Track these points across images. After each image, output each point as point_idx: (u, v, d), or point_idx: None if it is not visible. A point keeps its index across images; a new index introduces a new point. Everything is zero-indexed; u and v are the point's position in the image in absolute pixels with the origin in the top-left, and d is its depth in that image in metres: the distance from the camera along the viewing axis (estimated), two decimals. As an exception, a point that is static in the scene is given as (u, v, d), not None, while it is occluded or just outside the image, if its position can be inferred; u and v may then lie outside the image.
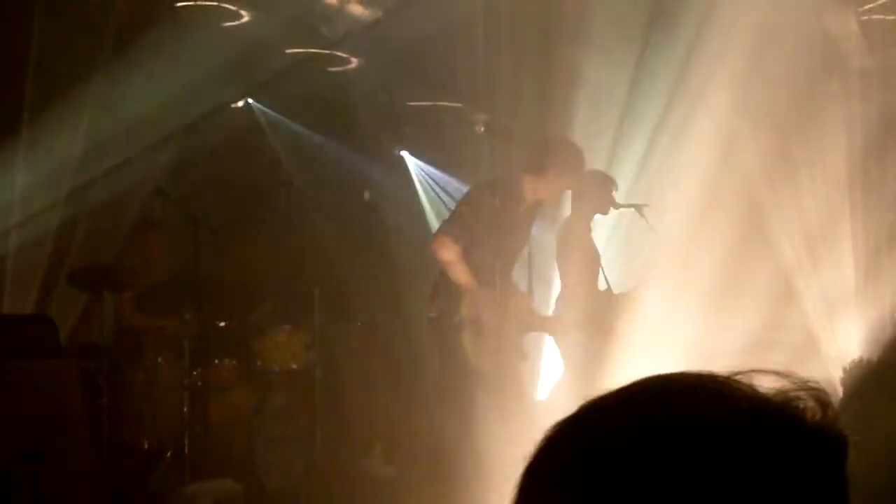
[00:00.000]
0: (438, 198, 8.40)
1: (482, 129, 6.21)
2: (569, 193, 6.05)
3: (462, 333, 5.59)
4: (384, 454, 6.90)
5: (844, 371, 5.04)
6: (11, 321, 5.87)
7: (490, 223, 5.51)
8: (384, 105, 8.14)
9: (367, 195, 8.32)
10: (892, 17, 6.82)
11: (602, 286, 6.13)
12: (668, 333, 5.15)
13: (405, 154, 8.80)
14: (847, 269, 6.23)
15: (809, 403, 0.81)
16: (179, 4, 7.02)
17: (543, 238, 6.26)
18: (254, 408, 6.56)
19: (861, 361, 5.14)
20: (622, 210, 6.24)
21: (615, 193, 6.17)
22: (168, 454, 6.10)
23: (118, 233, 6.91)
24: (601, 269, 6.12)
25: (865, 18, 6.81)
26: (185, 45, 6.94)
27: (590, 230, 6.15)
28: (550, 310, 6.25)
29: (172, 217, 6.63)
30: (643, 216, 6.13)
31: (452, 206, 6.09)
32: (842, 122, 6.42)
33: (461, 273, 5.50)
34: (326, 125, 8.20)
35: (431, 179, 8.61)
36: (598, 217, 6.19)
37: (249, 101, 8.20)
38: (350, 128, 7.96)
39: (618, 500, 0.77)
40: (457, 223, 5.62)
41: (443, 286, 5.65)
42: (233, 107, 8.04)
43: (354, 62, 7.95)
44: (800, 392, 0.81)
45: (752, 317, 5.39)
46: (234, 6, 7.14)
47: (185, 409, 6.15)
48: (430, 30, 6.98)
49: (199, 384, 6.31)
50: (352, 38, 7.60)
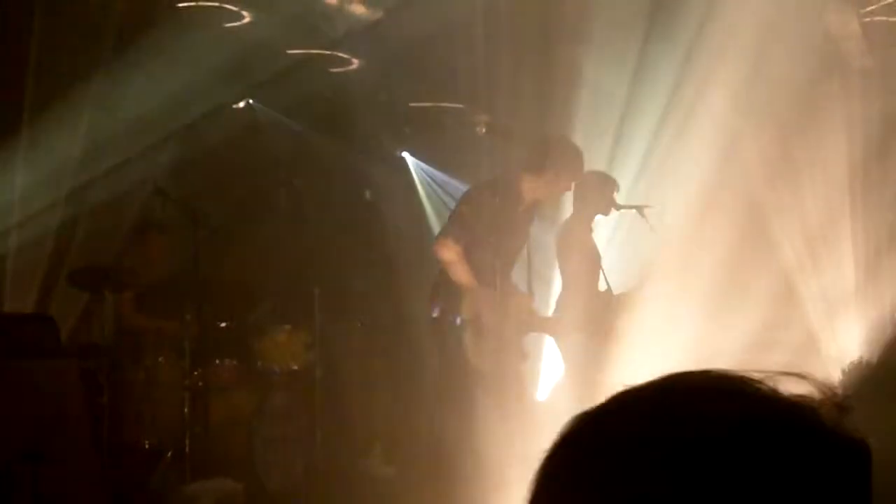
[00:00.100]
0: (439, 198, 8.40)
1: (483, 130, 6.21)
2: (569, 194, 6.04)
3: (462, 334, 5.59)
4: (384, 454, 6.90)
5: (844, 371, 5.04)
6: (12, 320, 5.87)
7: (490, 223, 5.51)
8: (385, 105, 8.14)
9: (368, 195, 8.32)
10: (894, 19, 6.82)
11: (602, 287, 6.13)
12: (669, 334, 5.15)
13: (406, 154, 8.80)
14: (847, 270, 6.23)
15: (831, 409, 0.80)
16: (180, 5, 7.02)
17: (543, 238, 6.25)
18: (254, 408, 6.56)
19: (861, 362, 5.14)
20: (623, 211, 6.23)
21: (616, 194, 6.16)
22: (168, 454, 6.11)
23: (118, 233, 6.91)
24: (601, 270, 6.12)
25: (867, 20, 6.81)
26: (186, 46, 6.94)
27: (590, 231, 6.14)
28: (550, 310, 6.24)
29: (172, 217, 6.63)
30: (644, 217, 6.12)
31: (453, 207, 6.08)
32: (843, 123, 6.42)
33: (462, 273, 5.50)
34: (327, 125, 8.19)
35: (432, 180, 8.61)
36: (599, 217, 6.18)
37: (250, 102, 8.19)
38: (351, 128, 7.96)
39: (636, 497, 0.76)
40: (457, 223, 5.61)
41: (443, 286, 5.64)
42: (233, 107, 8.03)
43: (355, 62, 7.95)
44: (822, 397, 0.81)
45: (753, 317, 5.38)
46: (235, 7, 7.14)
47: (186, 409, 6.16)
48: (431, 30, 6.98)
49: (200, 384, 6.31)
50: (352, 39, 7.59)
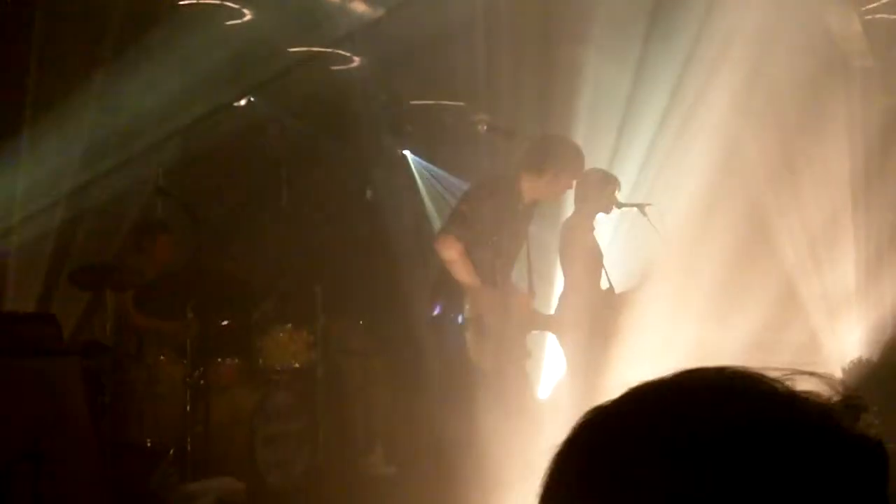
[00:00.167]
0: (441, 197, 8.40)
1: (484, 128, 6.20)
2: (570, 192, 6.04)
3: (464, 332, 5.59)
4: (385, 453, 6.90)
5: (844, 371, 5.03)
6: (14, 319, 5.86)
7: (490, 222, 5.50)
8: (386, 104, 8.14)
9: (370, 194, 8.31)
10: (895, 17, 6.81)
11: (605, 285, 6.12)
12: (670, 333, 5.15)
13: (407, 153, 8.80)
14: (849, 270, 6.22)
15: (848, 410, 0.80)
16: (181, 3, 7.02)
17: (544, 237, 6.25)
18: (255, 406, 6.55)
19: (861, 362, 5.14)
20: (624, 209, 6.23)
21: (617, 192, 6.16)
22: (170, 452, 6.11)
23: (119, 232, 6.91)
24: (604, 269, 6.11)
25: (868, 18, 6.80)
26: (188, 44, 6.93)
27: (592, 229, 6.13)
28: (552, 309, 6.24)
29: (174, 216, 6.64)
30: (645, 215, 6.11)
31: (453, 205, 6.08)
32: (844, 122, 6.42)
33: (464, 272, 5.49)
34: (328, 124, 8.19)
35: (433, 178, 8.60)
36: (600, 216, 6.18)
37: (251, 100, 8.19)
38: (352, 126, 7.96)
39: (655, 498, 0.76)
40: (458, 222, 5.60)
41: (444, 285, 5.64)
42: (235, 105, 8.03)
43: (356, 61, 7.94)
44: (838, 397, 0.80)
45: (754, 317, 5.38)
46: (237, 5, 7.13)
47: (187, 408, 6.16)
48: (432, 28, 6.97)
49: (201, 383, 6.30)
50: (354, 37, 7.59)
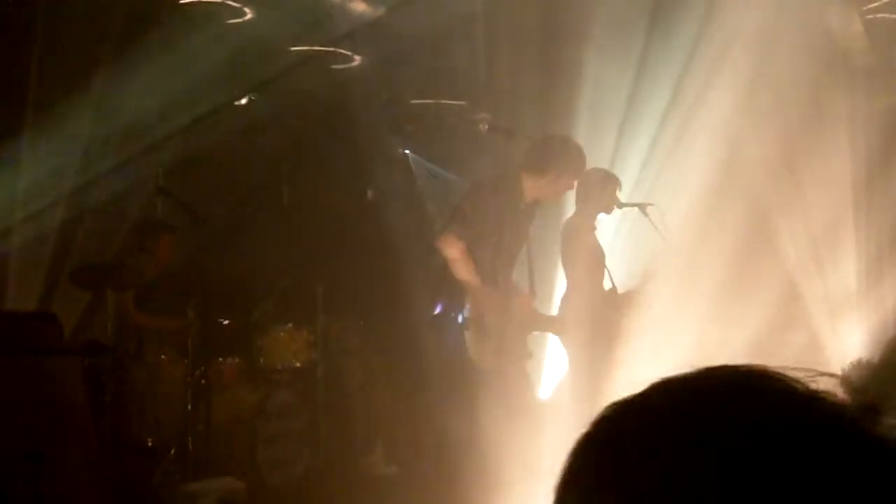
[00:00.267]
0: (441, 196, 8.38)
1: (485, 127, 6.19)
2: (571, 192, 6.03)
3: (465, 331, 5.59)
4: (386, 453, 6.90)
5: (843, 374, 5.02)
6: (15, 318, 5.87)
7: (491, 221, 5.50)
8: (387, 103, 8.13)
9: (370, 193, 8.31)
10: (896, 16, 6.81)
11: (608, 285, 6.11)
12: (672, 333, 5.14)
13: (408, 152, 8.79)
14: (851, 270, 6.22)
15: (870, 412, 0.79)
16: (183, 2, 7.01)
17: (545, 237, 6.24)
18: (256, 406, 6.56)
19: (861, 363, 5.12)
20: (625, 209, 6.22)
21: (618, 192, 6.15)
22: (171, 452, 6.11)
23: (120, 231, 6.90)
24: (606, 269, 6.09)
25: (870, 17, 6.79)
26: (188, 43, 6.93)
27: (594, 229, 6.12)
28: (553, 309, 6.23)
29: (174, 215, 6.63)
30: (646, 215, 6.11)
31: (454, 205, 6.07)
32: (845, 122, 6.41)
33: (466, 271, 5.49)
34: (329, 123, 8.18)
35: (434, 177, 8.59)
36: (602, 216, 6.17)
37: (252, 98, 8.18)
38: (353, 125, 7.95)
39: (674, 491, 0.76)
40: (459, 221, 5.60)
41: (445, 284, 5.64)
42: (236, 104, 8.02)
43: (357, 60, 7.93)
44: (858, 399, 0.80)
45: (756, 317, 5.37)
46: (238, 3, 7.12)
47: (188, 407, 6.16)
48: (433, 27, 6.97)
49: (202, 382, 6.31)
50: (355, 36, 7.58)
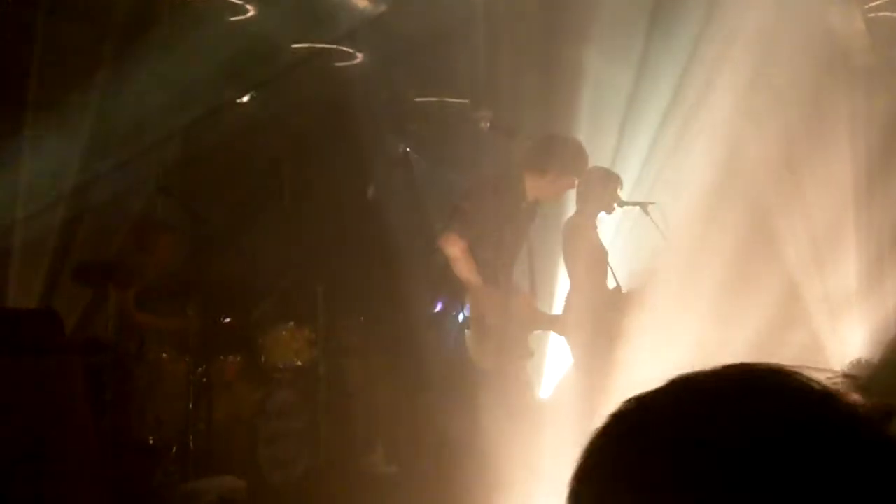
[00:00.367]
0: (442, 195, 8.37)
1: (487, 126, 6.19)
2: (573, 191, 6.03)
3: (465, 330, 5.59)
4: (387, 452, 6.90)
5: (834, 371, 5.01)
6: (16, 316, 5.86)
7: (492, 220, 5.50)
8: (389, 101, 8.12)
9: (371, 192, 8.30)
10: (898, 15, 6.79)
11: (611, 284, 6.09)
12: (672, 333, 5.14)
13: (409, 150, 8.77)
14: (852, 269, 6.21)
15: (880, 414, 0.80)
16: (184, -1, 7.02)
17: (546, 236, 6.23)
18: (257, 404, 6.56)
19: (862, 362, 5.11)
20: (626, 208, 6.21)
21: (620, 191, 6.14)
22: (172, 450, 6.11)
23: (122, 230, 6.90)
24: (609, 267, 6.07)
25: (871, 16, 6.78)
26: (190, 41, 6.92)
27: (595, 228, 6.12)
28: (554, 308, 6.23)
29: (176, 214, 6.63)
30: (648, 214, 6.10)
31: (457, 202, 6.06)
32: (847, 121, 6.40)
33: (467, 269, 5.49)
34: (330, 121, 8.17)
35: (435, 176, 8.58)
36: (603, 215, 6.16)
37: (254, 97, 8.17)
38: (354, 123, 7.93)
39: (687, 488, 0.76)
40: (460, 220, 5.60)
41: (446, 283, 5.64)
42: (237, 102, 8.02)
43: (359, 57, 7.92)
44: (872, 401, 0.81)
45: (757, 317, 5.37)
46: (240, 1, 7.12)
47: (189, 406, 6.16)
48: (435, 25, 6.96)
49: (203, 380, 6.31)
50: (357, 34, 7.57)
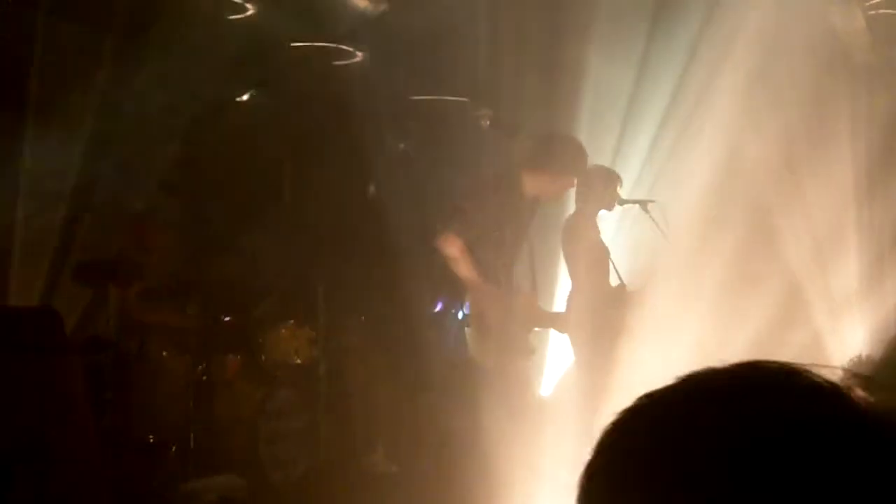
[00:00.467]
0: (443, 194, 8.36)
1: (487, 124, 6.19)
2: (572, 190, 6.02)
3: (465, 329, 5.60)
4: (387, 451, 6.90)
5: (842, 369, 5.01)
6: (17, 314, 5.85)
7: (492, 219, 5.51)
8: (389, 99, 8.11)
9: (372, 190, 8.30)
10: (899, 12, 6.79)
11: (615, 282, 6.08)
12: (673, 331, 5.14)
13: (410, 149, 8.77)
14: (852, 269, 6.22)
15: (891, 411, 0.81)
16: (184, -3, 7.00)
17: (547, 234, 6.23)
18: (258, 403, 6.56)
19: (862, 359, 5.11)
20: (626, 206, 6.21)
21: (619, 189, 6.14)
22: (172, 449, 6.12)
23: (123, 228, 6.89)
24: (612, 265, 6.06)
25: (872, 13, 6.77)
26: (190, 39, 6.92)
27: (595, 226, 6.11)
28: (554, 306, 6.23)
29: (177, 212, 6.63)
30: (648, 212, 6.10)
31: (455, 202, 6.06)
32: (848, 119, 6.40)
33: (466, 268, 5.50)
34: (331, 120, 8.17)
35: (436, 175, 8.57)
36: (603, 213, 6.16)
37: (254, 95, 8.17)
38: (354, 122, 7.93)
39: (700, 487, 0.76)
40: (459, 219, 5.61)
41: (446, 282, 5.65)
42: (237, 100, 8.02)
43: (359, 55, 7.91)
44: (886, 402, 0.81)
45: (757, 315, 5.37)
46: (240, -1, 7.11)
47: (190, 405, 6.17)
48: (435, 23, 6.95)
49: (204, 379, 6.32)
50: (357, 32, 7.57)
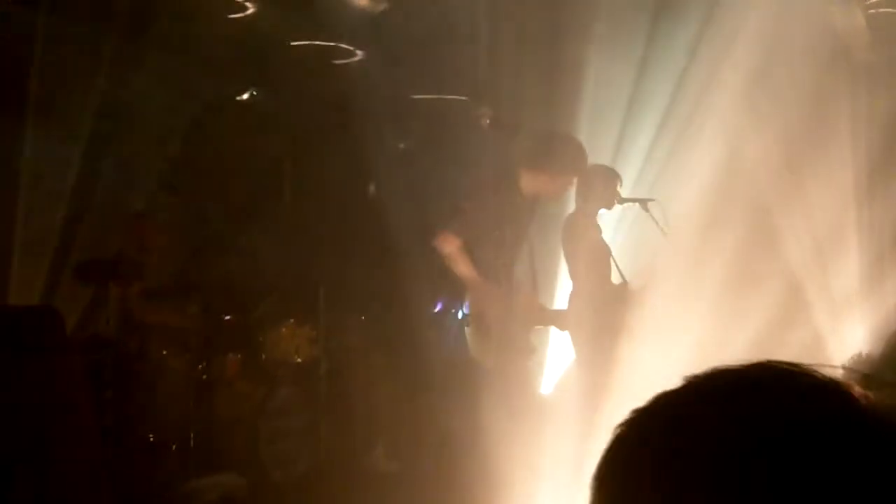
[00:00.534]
0: (443, 193, 8.36)
1: (487, 122, 6.19)
2: (572, 189, 6.03)
3: (465, 328, 5.60)
4: (388, 450, 6.91)
5: (845, 368, 5.01)
6: (17, 313, 5.85)
7: (491, 218, 5.51)
8: (389, 98, 8.11)
9: (372, 189, 8.30)
10: (899, 11, 6.79)
11: (617, 280, 6.07)
12: (673, 330, 5.14)
13: (410, 148, 8.77)
14: (853, 268, 6.21)
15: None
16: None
17: (547, 234, 6.24)
18: (258, 402, 6.57)
19: (862, 357, 5.11)
20: (626, 205, 6.22)
21: (620, 188, 6.14)
22: (173, 448, 6.12)
23: (122, 228, 6.89)
24: (614, 263, 6.06)
25: (871, 12, 6.77)
26: (190, 38, 6.92)
27: (595, 225, 6.12)
28: (555, 305, 6.23)
29: (178, 211, 6.63)
30: (648, 211, 6.10)
31: (455, 201, 6.07)
32: (848, 118, 6.40)
33: (464, 267, 5.51)
34: (330, 118, 8.17)
35: (436, 174, 8.57)
36: (602, 212, 6.16)
37: (254, 93, 8.17)
38: (354, 121, 7.93)
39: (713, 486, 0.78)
40: (458, 218, 5.62)
41: (446, 282, 5.66)
42: (237, 99, 8.02)
43: (359, 55, 7.91)
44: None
45: (757, 315, 5.37)
46: (240, -2, 7.10)
47: (190, 403, 6.17)
48: (436, 22, 6.95)
49: (205, 377, 6.32)
50: (357, 31, 7.57)
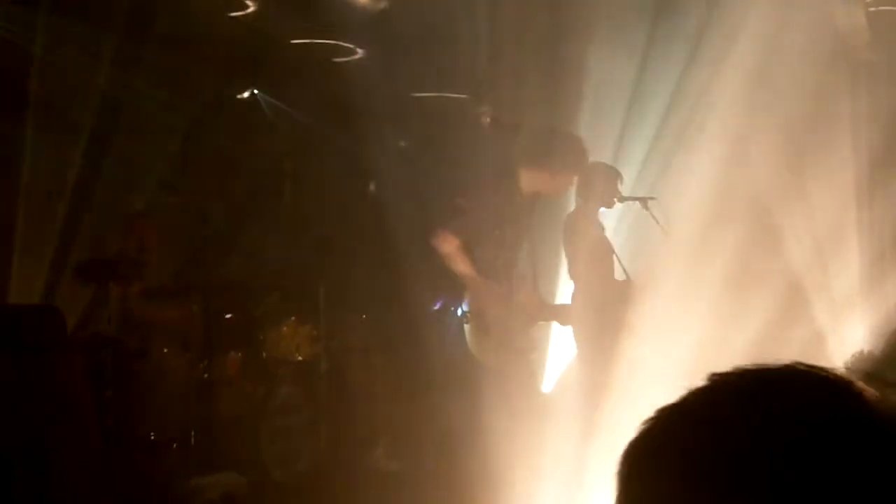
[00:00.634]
0: (443, 191, 8.36)
1: (488, 121, 6.19)
2: (573, 187, 6.02)
3: (465, 326, 5.60)
4: (388, 448, 6.91)
5: (846, 367, 5.01)
6: (18, 312, 5.86)
7: (491, 216, 5.51)
8: (389, 96, 8.11)
9: (373, 187, 8.30)
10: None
11: (620, 276, 6.06)
12: (673, 329, 5.14)
13: (410, 146, 8.78)
14: (854, 267, 6.21)
15: None
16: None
17: (548, 232, 6.23)
18: (259, 400, 6.57)
19: (863, 354, 5.12)
20: (627, 203, 6.21)
21: (620, 186, 6.14)
22: (174, 447, 6.13)
23: (123, 228, 6.89)
24: (617, 260, 6.05)
25: (873, 10, 6.77)
26: (191, 36, 6.92)
27: (596, 223, 6.11)
28: (556, 302, 6.23)
29: (178, 210, 6.63)
30: (648, 209, 6.10)
31: (455, 200, 6.07)
32: (849, 117, 6.40)
33: (463, 266, 5.51)
34: (331, 116, 8.17)
35: (436, 172, 8.57)
36: (603, 210, 6.16)
37: (254, 92, 8.18)
38: (355, 119, 7.93)
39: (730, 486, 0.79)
40: (458, 216, 5.62)
41: (446, 280, 5.66)
42: (238, 98, 8.02)
43: (360, 53, 7.91)
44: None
45: (758, 313, 5.37)
46: (240, -4, 7.11)
47: (191, 402, 6.18)
48: (436, 19, 6.95)
49: (205, 376, 6.33)
50: (356, 28, 7.57)
